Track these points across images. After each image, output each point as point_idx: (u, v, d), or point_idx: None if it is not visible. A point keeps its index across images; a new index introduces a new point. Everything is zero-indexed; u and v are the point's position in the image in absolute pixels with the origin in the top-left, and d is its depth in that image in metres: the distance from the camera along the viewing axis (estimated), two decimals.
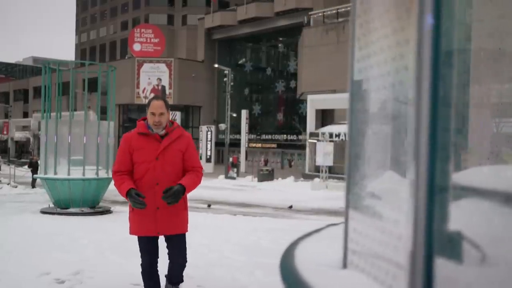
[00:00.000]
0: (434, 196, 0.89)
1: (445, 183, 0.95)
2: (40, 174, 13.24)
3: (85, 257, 6.40)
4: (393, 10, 1.09)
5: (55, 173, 12.53)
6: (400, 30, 1.05)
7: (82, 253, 6.65)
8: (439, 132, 0.91)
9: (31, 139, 57.25)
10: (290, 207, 15.03)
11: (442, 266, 0.91)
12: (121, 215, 10.91)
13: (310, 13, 39.46)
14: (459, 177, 1.12)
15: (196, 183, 3.95)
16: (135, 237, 4.06)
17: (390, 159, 1.09)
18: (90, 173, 12.47)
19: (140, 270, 4.09)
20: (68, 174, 12.31)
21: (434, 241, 0.89)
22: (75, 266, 5.85)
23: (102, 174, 12.66)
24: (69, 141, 12.69)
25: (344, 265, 1.17)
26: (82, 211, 12.06)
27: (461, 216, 1.00)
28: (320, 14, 38.58)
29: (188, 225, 4.13)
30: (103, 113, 14.82)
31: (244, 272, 5.89)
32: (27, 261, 6.12)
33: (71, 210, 12.15)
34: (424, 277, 0.88)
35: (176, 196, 3.73)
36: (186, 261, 4.16)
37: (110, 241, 7.62)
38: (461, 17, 1.24)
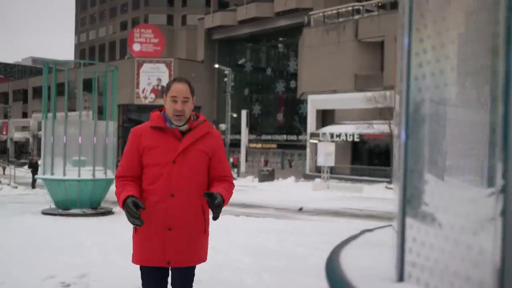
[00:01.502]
0: None
1: None
2: (40, 175, 13.16)
3: (90, 260, 6.31)
4: None
5: (52, 173, 12.44)
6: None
7: (86, 256, 6.55)
8: None
9: (31, 140, 57.14)
10: (300, 209, 14.87)
11: None
12: (123, 216, 10.74)
13: (310, 13, 39.38)
14: None
15: (229, 197, 2.95)
16: None
17: (451, 163, 1.00)
18: (88, 174, 12.32)
19: None
20: (64, 175, 12.20)
21: None
22: (80, 269, 5.76)
23: (100, 175, 12.49)
24: (65, 141, 12.57)
25: (401, 278, 1.08)
26: (84, 212, 11.96)
27: None
28: (320, 14, 38.49)
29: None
30: (101, 113, 14.73)
31: (251, 274, 5.80)
32: (31, 264, 6.03)
33: (73, 211, 12.05)
34: None
35: (220, 207, 2.75)
36: None
37: (114, 243, 7.53)
38: None
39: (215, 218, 2.80)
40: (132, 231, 2.99)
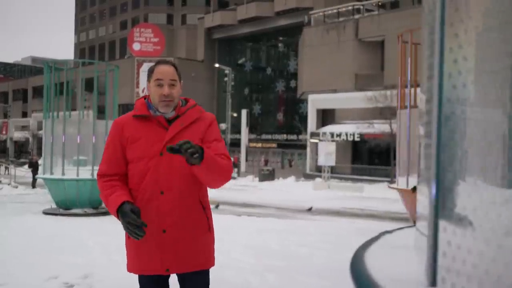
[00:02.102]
0: None
1: None
2: (40, 174, 13.13)
3: (92, 260, 6.27)
4: None
5: (51, 173, 12.41)
6: None
7: (89, 256, 6.51)
8: None
9: (30, 139, 57.08)
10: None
11: None
12: None
13: (310, 12, 39.34)
14: None
15: (220, 164, 2.42)
16: None
17: (487, 164, 0.95)
18: (88, 174, 12.27)
19: None
20: (63, 174, 12.17)
21: None
22: (84, 269, 5.72)
23: None
24: (63, 140, 12.56)
25: (433, 283, 1.04)
26: (85, 212, 11.92)
27: None
28: (320, 13, 38.46)
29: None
30: (103, 113, 14.71)
31: (255, 275, 5.76)
32: (34, 264, 5.99)
33: (74, 211, 12.01)
34: None
35: (195, 151, 2.23)
36: None
37: (116, 243, 7.47)
38: None
39: (188, 161, 2.25)
40: (125, 237, 2.60)
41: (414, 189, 9.09)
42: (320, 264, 6.71)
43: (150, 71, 2.57)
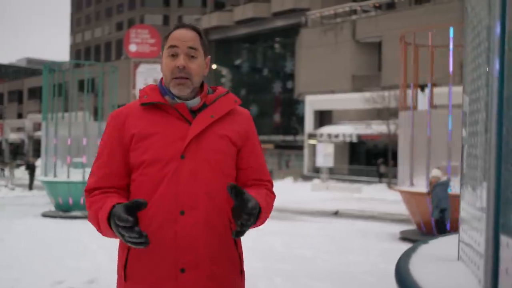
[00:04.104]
0: None
1: None
2: (40, 176, 13.09)
3: (97, 264, 6.22)
4: None
5: (45, 175, 12.37)
6: None
7: (94, 260, 6.47)
8: None
9: (26, 141, 56.88)
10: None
11: None
12: None
13: (307, 13, 39.36)
14: None
15: (269, 211, 1.84)
16: None
17: None
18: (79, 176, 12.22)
19: None
20: (54, 176, 12.11)
21: None
22: (89, 274, 5.68)
23: None
24: (55, 142, 12.52)
25: None
26: (85, 214, 11.86)
27: None
28: (317, 14, 38.49)
29: None
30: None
31: (263, 279, 5.73)
32: (39, 269, 5.93)
33: (74, 213, 11.95)
34: None
35: (254, 217, 1.65)
36: None
37: None
38: None
39: (239, 233, 1.63)
40: (118, 270, 1.83)
41: (428, 193, 9.08)
42: (326, 267, 6.69)
43: (165, 38, 1.88)
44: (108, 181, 1.76)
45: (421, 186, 9.85)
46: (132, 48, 49.68)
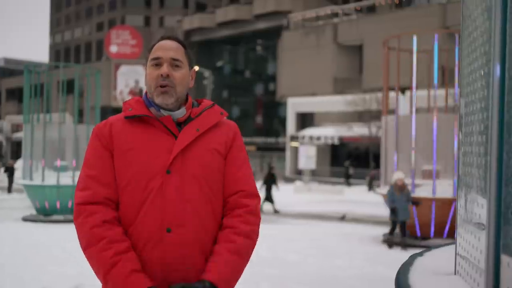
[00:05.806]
0: None
1: None
2: (19, 180, 12.91)
3: (82, 270, 6.15)
4: None
5: (31, 179, 12.20)
6: None
7: (78, 266, 6.39)
8: None
9: (4, 143, 55.88)
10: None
11: None
12: None
13: (289, 15, 39.54)
14: None
15: (243, 256, 1.80)
16: None
17: None
18: (68, 180, 12.09)
19: None
20: (42, 180, 11.96)
21: None
22: (74, 280, 5.62)
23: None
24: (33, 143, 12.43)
25: None
26: (66, 218, 11.70)
27: None
28: (299, 17, 38.68)
29: None
30: (81, 116, 14.57)
31: (249, 283, 5.73)
32: (23, 275, 5.85)
33: (55, 217, 11.80)
34: None
35: None
36: None
37: None
38: None
39: None
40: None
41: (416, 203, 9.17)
42: (312, 272, 6.73)
43: (149, 51, 1.86)
44: (102, 192, 1.71)
45: None
46: (113, 49, 49.31)
